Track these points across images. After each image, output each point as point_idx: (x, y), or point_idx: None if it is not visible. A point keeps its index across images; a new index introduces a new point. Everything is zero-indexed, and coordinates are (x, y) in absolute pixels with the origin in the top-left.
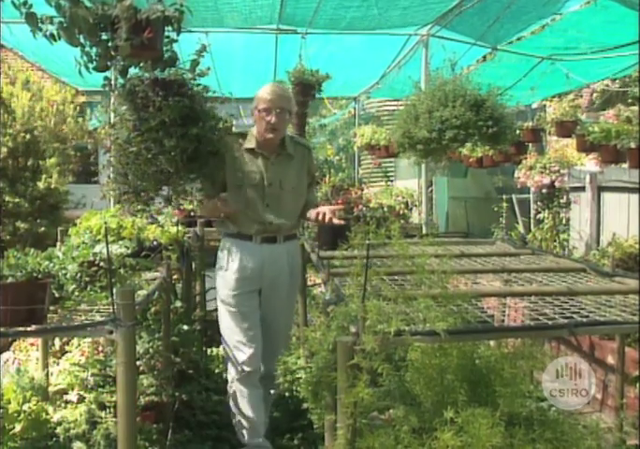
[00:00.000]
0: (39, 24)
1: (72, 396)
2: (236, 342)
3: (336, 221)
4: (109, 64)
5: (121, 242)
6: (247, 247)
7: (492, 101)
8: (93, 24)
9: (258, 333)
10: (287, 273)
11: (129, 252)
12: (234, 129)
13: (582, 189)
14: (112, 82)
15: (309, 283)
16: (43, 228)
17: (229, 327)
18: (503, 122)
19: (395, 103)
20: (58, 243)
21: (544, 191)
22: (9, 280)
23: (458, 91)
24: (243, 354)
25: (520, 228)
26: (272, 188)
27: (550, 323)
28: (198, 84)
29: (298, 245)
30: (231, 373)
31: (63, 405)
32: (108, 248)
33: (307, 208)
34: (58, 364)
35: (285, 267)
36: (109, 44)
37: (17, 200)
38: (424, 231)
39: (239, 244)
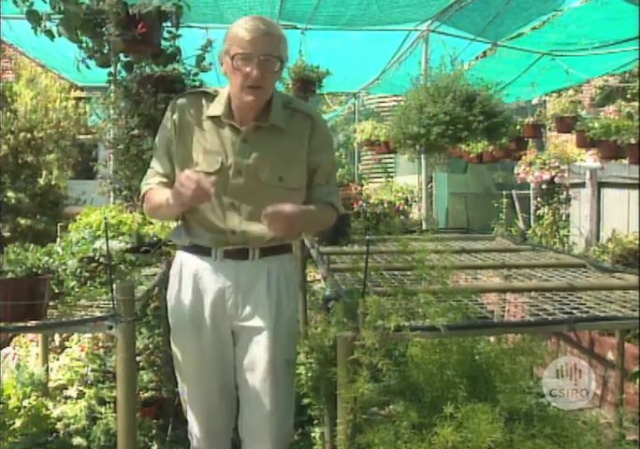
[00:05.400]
0: (40, 21)
1: (72, 391)
2: (189, 407)
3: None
4: (112, 59)
5: (120, 238)
6: (204, 266)
7: (484, 96)
8: (85, 20)
9: (226, 396)
10: (268, 307)
11: (129, 247)
12: None
13: (582, 185)
14: (114, 79)
15: (309, 279)
16: (43, 225)
17: (182, 384)
18: (497, 117)
19: (395, 99)
20: (58, 239)
21: (543, 187)
22: (9, 275)
23: (449, 86)
24: (197, 426)
25: (520, 224)
26: (241, 178)
27: (550, 318)
28: (194, 80)
29: (291, 262)
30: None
31: (63, 401)
32: (107, 243)
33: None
34: (58, 359)
35: (265, 296)
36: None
37: (18, 196)
38: (424, 227)
39: (193, 262)
